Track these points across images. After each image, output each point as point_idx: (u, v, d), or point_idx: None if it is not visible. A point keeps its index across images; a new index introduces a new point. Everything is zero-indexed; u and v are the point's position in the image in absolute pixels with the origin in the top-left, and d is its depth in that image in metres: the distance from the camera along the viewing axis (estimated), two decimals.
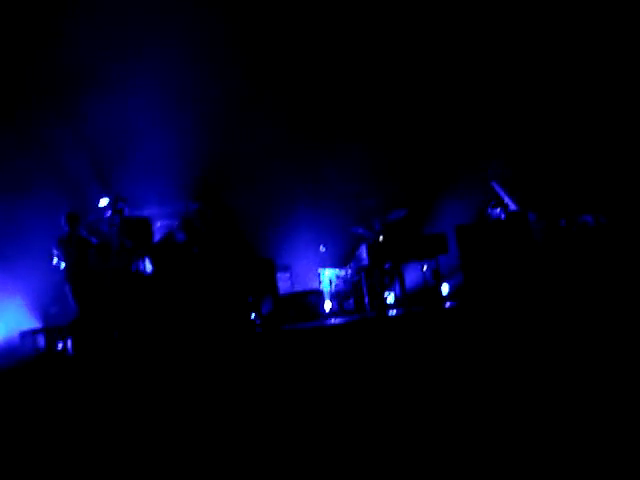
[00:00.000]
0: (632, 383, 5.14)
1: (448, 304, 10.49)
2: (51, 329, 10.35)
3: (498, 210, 10.49)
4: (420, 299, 10.68)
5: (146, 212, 10.91)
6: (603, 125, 11.91)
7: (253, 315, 10.06)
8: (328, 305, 11.49)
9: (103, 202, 10.36)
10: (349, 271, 11.70)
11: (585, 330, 6.92)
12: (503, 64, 12.68)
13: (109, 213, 10.63)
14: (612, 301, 8.03)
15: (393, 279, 11.13)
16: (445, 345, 7.29)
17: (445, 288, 11.32)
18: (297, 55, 13.34)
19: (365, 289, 11.00)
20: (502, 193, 10.47)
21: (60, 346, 10.01)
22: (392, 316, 9.87)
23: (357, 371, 6.66)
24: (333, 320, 10.53)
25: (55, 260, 9.62)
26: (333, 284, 11.64)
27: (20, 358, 10.16)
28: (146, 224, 10.49)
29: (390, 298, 11.31)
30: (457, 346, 7.18)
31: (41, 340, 10.25)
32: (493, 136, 11.64)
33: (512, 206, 10.36)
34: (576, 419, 4.62)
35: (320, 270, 11.81)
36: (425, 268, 10.87)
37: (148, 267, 10.11)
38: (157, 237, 10.53)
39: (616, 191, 10.65)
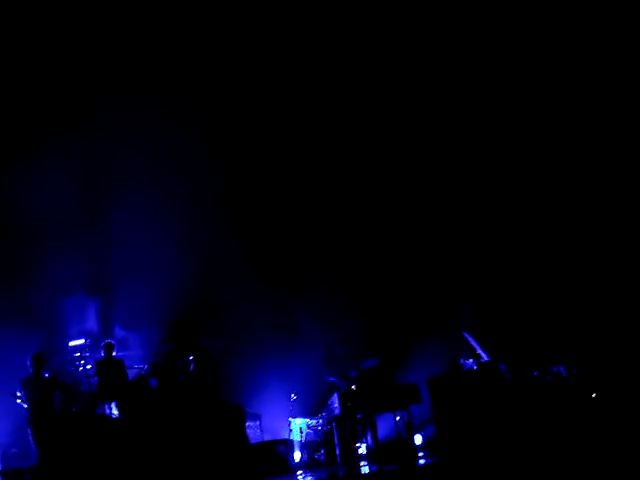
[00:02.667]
0: None
1: (421, 459, 10.26)
2: (10, 471, 9.84)
3: (470, 360, 10.55)
4: (393, 451, 10.41)
5: (119, 354, 10.71)
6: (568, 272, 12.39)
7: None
8: (298, 455, 11.13)
9: (76, 342, 10.27)
10: (320, 421, 11.45)
11: None
12: (469, 214, 13.36)
13: (79, 354, 10.51)
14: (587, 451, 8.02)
15: (365, 429, 10.89)
16: None
17: (418, 439, 11.10)
18: (270, 209, 13.90)
19: (336, 439, 10.72)
20: (474, 343, 10.59)
21: None
22: (363, 474, 9.58)
23: None
24: (302, 476, 10.18)
25: (19, 401, 9.38)
26: (304, 434, 11.34)
27: None
28: (119, 367, 10.30)
29: (362, 449, 11.03)
30: None
31: None
32: (464, 287, 11.96)
33: (484, 357, 10.45)
34: None
35: (291, 419, 11.55)
36: (398, 418, 10.71)
37: (114, 411, 9.81)
38: (128, 380, 10.28)
39: (584, 342, 10.89)
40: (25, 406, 9.37)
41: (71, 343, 10.96)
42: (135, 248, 12.78)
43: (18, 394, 9.45)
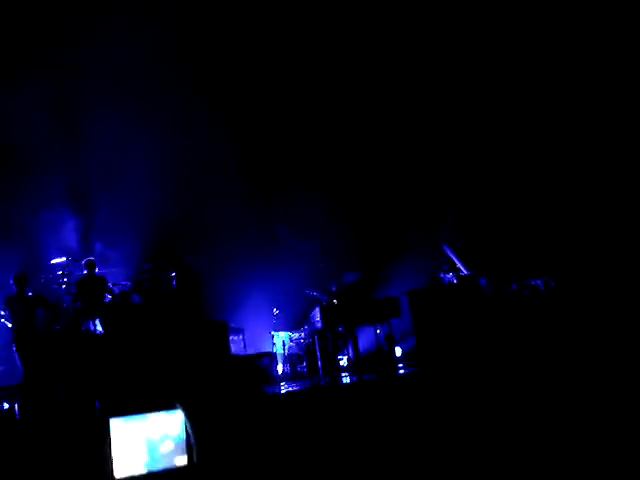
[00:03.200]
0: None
1: (401, 370, 10.51)
2: None
3: (450, 274, 10.67)
4: (373, 363, 10.65)
5: (101, 271, 10.69)
6: (549, 189, 12.38)
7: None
8: (281, 368, 11.38)
9: (58, 260, 10.24)
10: (302, 334, 11.66)
11: (536, 396, 7.02)
12: (450, 130, 13.22)
13: (61, 272, 10.52)
14: (563, 362, 8.18)
15: (346, 342, 11.11)
16: (398, 417, 7.29)
17: (398, 351, 11.35)
18: (258, 119, 13.66)
19: (318, 352, 10.94)
20: (454, 257, 10.68)
21: (6, 406, 9.66)
22: (344, 384, 9.81)
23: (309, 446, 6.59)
24: (285, 386, 10.43)
25: (2, 320, 9.46)
26: (286, 347, 11.57)
27: None
28: (101, 284, 10.32)
29: (343, 361, 11.27)
30: (410, 417, 7.19)
31: None
32: (445, 201, 11.94)
33: (464, 270, 10.56)
34: None
35: (274, 333, 11.74)
36: (378, 331, 10.91)
37: (98, 327, 9.92)
38: (111, 297, 10.33)
39: (563, 255, 10.98)
40: (9, 325, 9.46)
41: (53, 261, 10.94)
42: (116, 163, 12.60)
43: (2, 312, 9.53)
